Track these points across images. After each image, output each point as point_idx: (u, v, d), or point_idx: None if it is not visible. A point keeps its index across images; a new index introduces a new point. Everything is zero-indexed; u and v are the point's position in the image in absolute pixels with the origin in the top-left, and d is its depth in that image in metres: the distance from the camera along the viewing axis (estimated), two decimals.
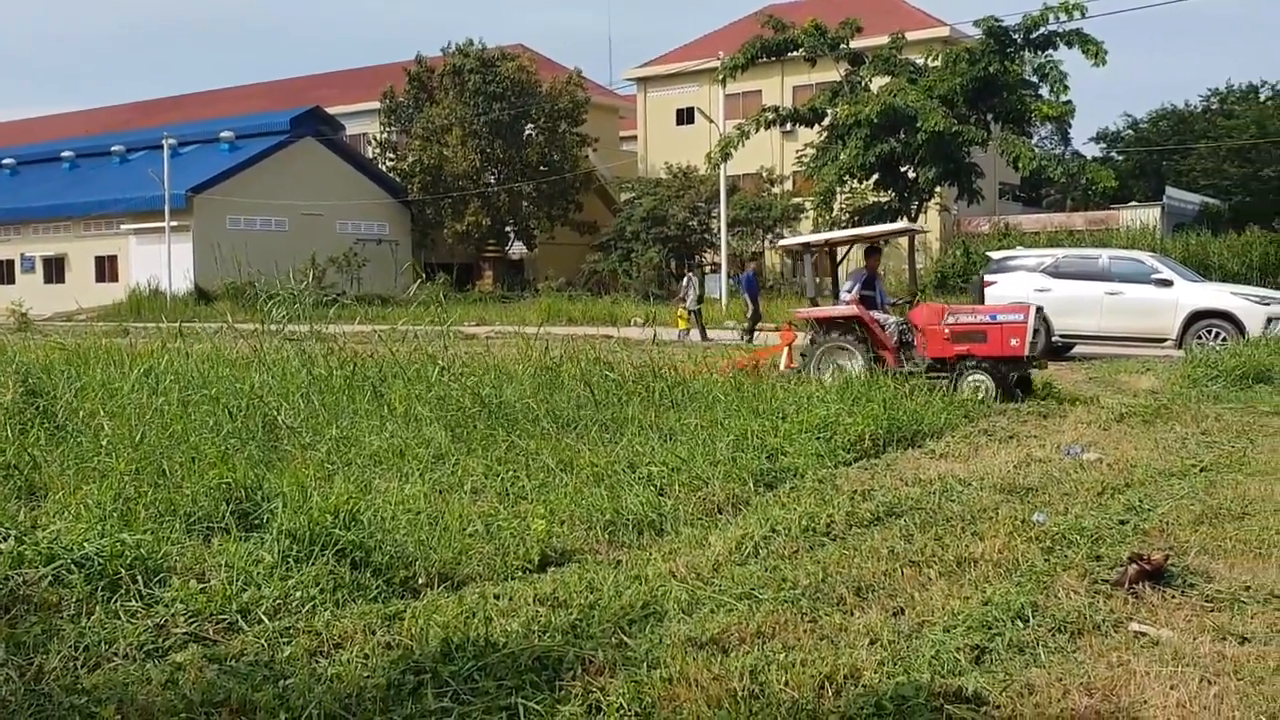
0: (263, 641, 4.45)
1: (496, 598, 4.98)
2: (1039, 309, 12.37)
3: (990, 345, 11.93)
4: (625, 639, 4.45)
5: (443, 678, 4.00)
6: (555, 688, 3.94)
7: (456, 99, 44.72)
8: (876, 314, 12.84)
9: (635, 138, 51.89)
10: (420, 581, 5.23)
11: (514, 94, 44.60)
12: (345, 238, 44.27)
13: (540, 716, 3.72)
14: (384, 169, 48.60)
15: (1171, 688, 4.03)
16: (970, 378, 11.85)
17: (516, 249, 49.82)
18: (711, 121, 36.96)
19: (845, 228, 28.86)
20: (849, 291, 13.07)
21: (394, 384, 9.77)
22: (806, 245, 14.39)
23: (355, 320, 14.06)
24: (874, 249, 14.05)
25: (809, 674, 4.05)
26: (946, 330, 12.16)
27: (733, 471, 7.57)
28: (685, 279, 25.45)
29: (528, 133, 46.09)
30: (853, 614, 4.87)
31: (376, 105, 49.05)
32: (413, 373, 10.16)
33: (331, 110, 48.51)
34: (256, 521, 5.80)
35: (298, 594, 4.89)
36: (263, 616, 4.67)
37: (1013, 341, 11.83)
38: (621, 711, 3.74)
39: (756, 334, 22.49)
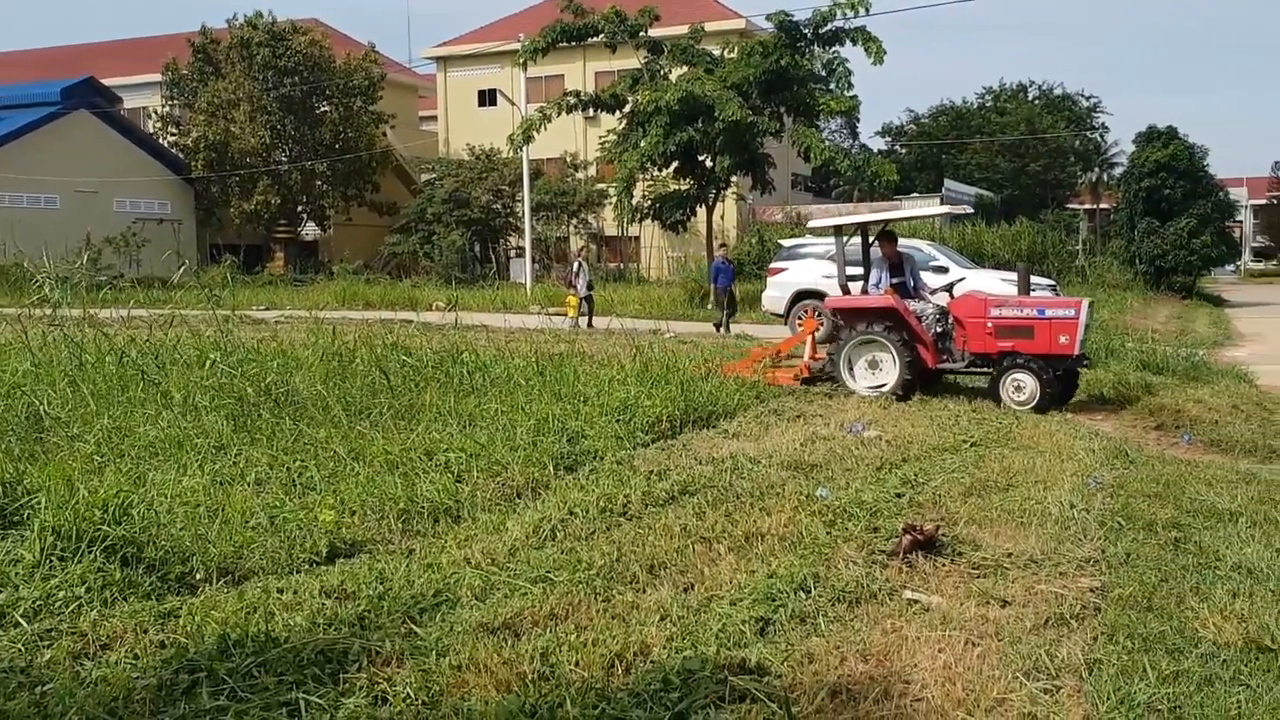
0: (20, 646, 4.15)
1: (280, 591, 4.81)
2: (1091, 304, 11.40)
3: (1038, 342, 11.02)
4: (415, 628, 4.37)
5: (219, 675, 3.82)
6: (340, 681, 3.84)
7: (244, 73, 42.66)
8: (912, 304, 11.85)
9: (435, 118, 50.95)
10: (198, 577, 4.99)
11: (306, 69, 42.91)
12: (123, 216, 41.56)
13: (323, 710, 3.61)
14: (166, 144, 45.92)
15: (939, 651, 4.27)
16: (1011, 376, 10.98)
17: (310, 230, 48.05)
18: (513, 104, 36.71)
19: (647, 215, 29.23)
20: (876, 286, 12.02)
21: (172, 371, 9.28)
22: (838, 228, 13.06)
23: (132, 304, 13.24)
24: (889, 234, 12.61)
25: (600, 653, 4.08)
26: (990, 324, 11.26)
27: (533, 456, 7.55)
28: (576, 264, 23.67)
29: (321, 110, 44.47)
30: (645, 592, 4.95)
31: (158, 78, 46.24)
32: (193, 359, 9.67)
33: (108, 82, 45.30)
34: (16, 518, 5.42)
35: (61, 594, 4.59)
36: (20, 619, 4.36)
37: (1062, 339, 10.96)
38: (408, 700, 3.67)
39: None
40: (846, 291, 12.29)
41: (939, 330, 11.72)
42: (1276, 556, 5.82)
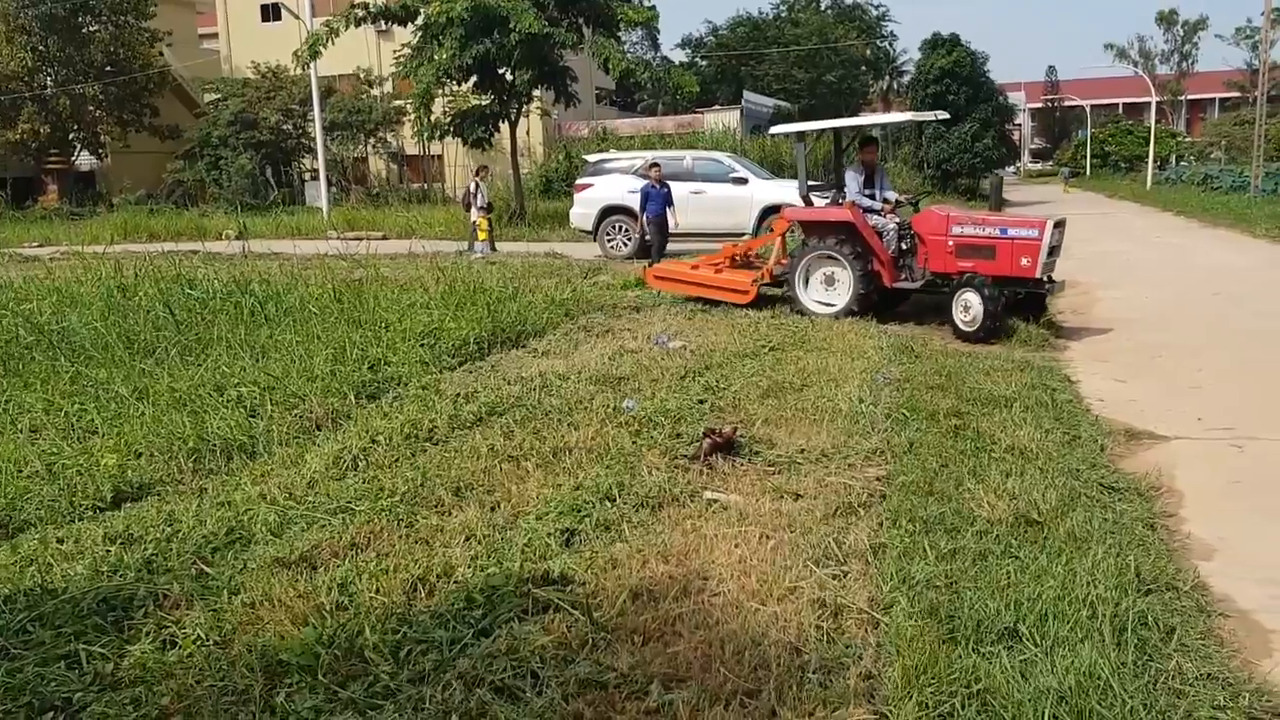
0: None
1: (60, 541, 4.56)
2: (1058, 223, 10.65)
3: (999, 263, 10.42)
4: (206, 569, 4.22)
5: None
6: (125, 628, 3.68)
7: None
8: (874, 219, 11.16)
9: (216, 35, 47.96)
10: None
11: None
12: None
13: (106, 660, 3.45)
14: None
15: (735, 546, 4.43)
16: (961, 296, 10.28)
17: (85, 160, 44.73)
18: (298, 18, 34.86)
19: (448, 132, 28.42)
20: (856, 193, 11.33)
21: None
22: (800, 134, 12.17)
23: None
24: (870, 139, 11.83)
25: (401, 578, 4.05)
26: (951, 243, 10.65)
27: (332, 386, 7.36)
28: (472, 184, 21.56)
29: (89, 28, 41.12)
30: (450, 514, 4.92)
31: None
32: None
33: None
34: None
35: None
36: None
37: (1024, 261, 10.33)
38: (199, 642, 3.55)
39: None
40: (808, 203, 11.78)
41: (903, 247, 11.19)
42: (1045, 437, 6.29)
